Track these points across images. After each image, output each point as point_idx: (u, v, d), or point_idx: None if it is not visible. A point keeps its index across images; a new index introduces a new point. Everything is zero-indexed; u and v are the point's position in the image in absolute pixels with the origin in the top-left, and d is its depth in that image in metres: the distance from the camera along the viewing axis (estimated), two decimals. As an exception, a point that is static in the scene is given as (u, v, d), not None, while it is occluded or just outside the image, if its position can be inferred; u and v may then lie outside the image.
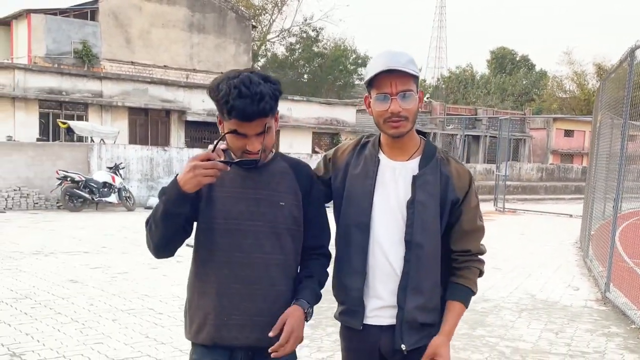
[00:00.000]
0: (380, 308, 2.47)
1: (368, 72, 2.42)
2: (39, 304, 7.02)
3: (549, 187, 30.50)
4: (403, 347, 2.43)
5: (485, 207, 22.31)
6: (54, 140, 25.41)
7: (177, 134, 29.77)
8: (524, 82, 70.79)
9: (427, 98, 45.34)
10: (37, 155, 17.18)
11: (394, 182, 2.46)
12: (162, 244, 2.33)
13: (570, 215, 19.57)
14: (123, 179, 18.23)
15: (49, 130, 26.92)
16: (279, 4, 54.11)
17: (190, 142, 29.25)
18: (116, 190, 17.64)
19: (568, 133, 46.90)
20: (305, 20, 55.96)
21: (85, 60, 34.65)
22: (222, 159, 2.30)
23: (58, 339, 5.77)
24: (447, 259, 2.51)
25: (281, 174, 2.45)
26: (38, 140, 23.54)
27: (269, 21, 55.10)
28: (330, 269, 2.54)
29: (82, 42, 34.65)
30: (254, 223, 2.38)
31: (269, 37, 55.63)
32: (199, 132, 30.13)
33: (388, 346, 2.47)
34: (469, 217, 2.49)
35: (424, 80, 78.03)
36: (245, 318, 2.35)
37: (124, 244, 11.58)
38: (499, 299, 7.90)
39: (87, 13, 35.80)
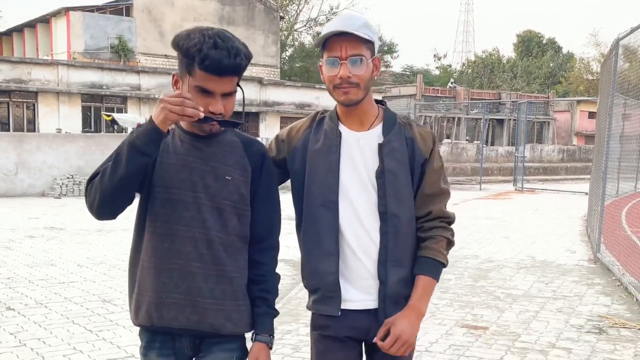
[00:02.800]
0: (362, 289, 2.37)
1: (321, 34, 2.31)
2: (114, 267, 8.42)
3: (570, 168, 31.43)
4: None
5: (505, 187, 23.52)
6: (96, 132, 27.00)
7: (212, 124, 31.17)
8: (551, 64, 71.08)
9: (452, 83, 46.24)
10: (87, 145, 18.65)
11: (360, 153, 2.37)
12: (110, 195, 2.12)
13: (586, 194, 20.54)
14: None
15: (91, 122, 28.53)
16: (306, -6, 55.30)
17: (224, 131, 30.63)
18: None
19: (592, 115, 47.44)
20: (332, 9, 56.99)
21: (121, 54, 36.27)
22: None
23: (136, 291, 7.16)
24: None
25: (231, 147, 2.31)
26: (85, 131, 25.16)
27: (296, 11, 56.36)
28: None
29: (118, 37, 36.24)
30: (196, 195, 2.23)
31: (296, 27, 56.86)
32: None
33: (373, 327, 2.36)
34: (431, 179, 2.40)
35: (449, 65, 78.55)
36: (186, 297, 2.21)
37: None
38: (503, 260, 9.15)
39: (122, 9, 37.41)
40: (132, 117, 23.73)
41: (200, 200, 2.22)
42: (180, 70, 2.21)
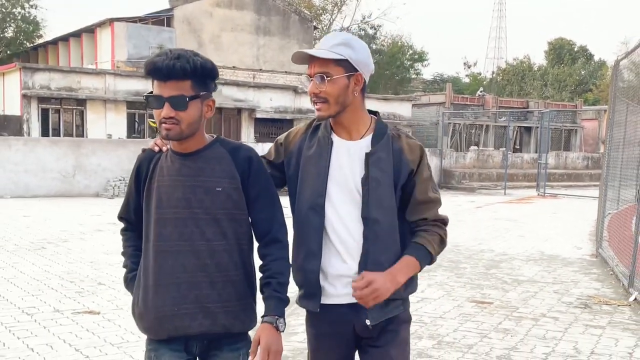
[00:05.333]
0: (345, 286, 2.50)
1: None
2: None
3: (594, 175, 32.25)
4: (368, 322, 2.49)
5: (528, 193, 24.63)
6: (141, 138, 28.63)
7: (247, 130, 32.62)
8: (582, 72, 71.42)
9: (481, 91, 47.23)
10: (137, 150, 19.76)
11: (349, 161, 2.51)
12: None
13: (606, 199, 21.59)
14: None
15: (135, 129, 30.18)
16: (339, 4, 56.75)
17: (259, 137, 32.02)
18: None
19: (620, 123, 48.00)
20: (364, 18, 58.45)
21: (162, 63, 37.90)
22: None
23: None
24: (407, 237, 2.57)
25: (218, 159, 2.46)
26: (134, 137, 26.83)
27: (329, 20, 57.75)
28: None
29: (159, 47, 37.72)
30: (192, 210, 2.41)
31: (329, 35, 58.22)
32: (266, 128, 32.92)
33: (355, 320, 2.53)
34: (421, 188, 2.53)
35: (479, 73, 79.26)
36: (196, 306, 2.40)
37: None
38: (515, 253, 10.40)
39: (163, 20, 39.10)
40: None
41: (197, 215, 2.41)
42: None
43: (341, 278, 2.50)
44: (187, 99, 2.32)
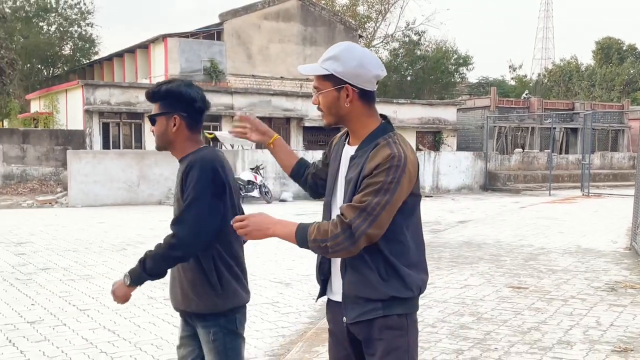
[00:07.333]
0: (340, 285, 2.63)
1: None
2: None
3: (640, 174, 32.59)
4: (344, 319, 2.58)
5: (573, 193, 25.23)
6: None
7: (297, 139, 33.76)
8: (631, 71, 70.83)
9: (526, 94, 47.55)
10: None
11: (345, 165, 2.66)
12: None
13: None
14: (262, 177, 22.30)
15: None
16: (383, 12, 57.69)
17: (308, 145, 33.10)
18: (257, 186, 21.70)
19: (669, 122, 47.76)
20: (408, 25, 59.18)
21: (213, 76, 39.37)
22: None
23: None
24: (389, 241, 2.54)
25: (180, 172, 3.07)
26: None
27: (374, 28, 58.72)
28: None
29: (210, 60, 39.31)
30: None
31: (373, 43, 59.17)
32: (315, 136, 33.98)
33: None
34: (361, 191, 2.48)
35: (525, 76, 79.12)
36: (177, 289, 3.16)
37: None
38: (552, 247, 11.22)
39: (213, 34, 40.53)
40: (229, 135, 26.47)
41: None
42: (188, 107, 3.28)
43: (337, 275, 2.66)
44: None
